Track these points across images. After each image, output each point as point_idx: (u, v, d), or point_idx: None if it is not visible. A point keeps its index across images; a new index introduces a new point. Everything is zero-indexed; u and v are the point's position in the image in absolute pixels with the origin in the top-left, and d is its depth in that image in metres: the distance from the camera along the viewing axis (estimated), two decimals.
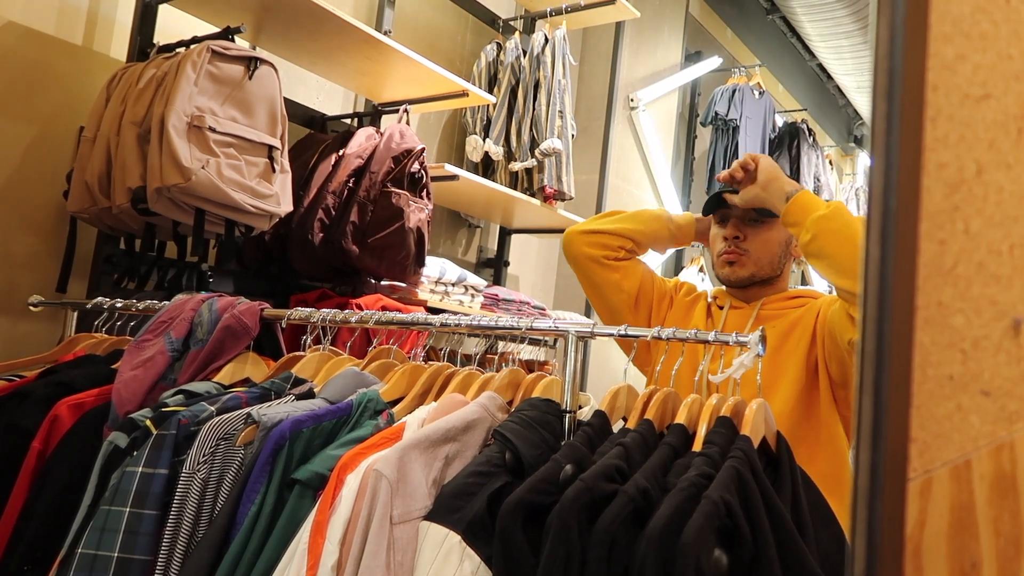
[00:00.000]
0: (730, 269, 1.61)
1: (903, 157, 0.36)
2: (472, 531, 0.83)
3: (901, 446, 0.37)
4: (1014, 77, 0.35)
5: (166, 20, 2.06)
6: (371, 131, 2.24)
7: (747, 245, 1.59)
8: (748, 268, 1.59)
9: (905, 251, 0.37)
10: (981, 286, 0.36)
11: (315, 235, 2.07)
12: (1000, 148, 0.35)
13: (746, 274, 1.59)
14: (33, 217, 1.95)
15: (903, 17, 0.35)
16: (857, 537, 0.34)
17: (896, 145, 0.36)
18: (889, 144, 0.36)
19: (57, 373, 1.36)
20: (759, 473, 0.83)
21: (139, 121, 1.71)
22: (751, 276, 1.60)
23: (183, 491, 1.00)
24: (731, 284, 1.64)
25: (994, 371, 0.36)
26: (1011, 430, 0.35)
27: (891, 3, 0.35)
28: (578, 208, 3.47)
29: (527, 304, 2.84)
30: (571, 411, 1.00)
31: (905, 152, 0.36)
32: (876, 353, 0.36)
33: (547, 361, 2.72)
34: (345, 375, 1.14)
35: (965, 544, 0.36)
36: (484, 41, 3.15)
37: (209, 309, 1.32)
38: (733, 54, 5.09)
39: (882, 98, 0.33)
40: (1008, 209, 0.35)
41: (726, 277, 1.63)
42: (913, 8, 0.36)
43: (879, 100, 0.33)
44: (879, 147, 0.37)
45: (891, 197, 0.36)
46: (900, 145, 0.36)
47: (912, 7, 0.35)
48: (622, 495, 0.79)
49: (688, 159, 4.65)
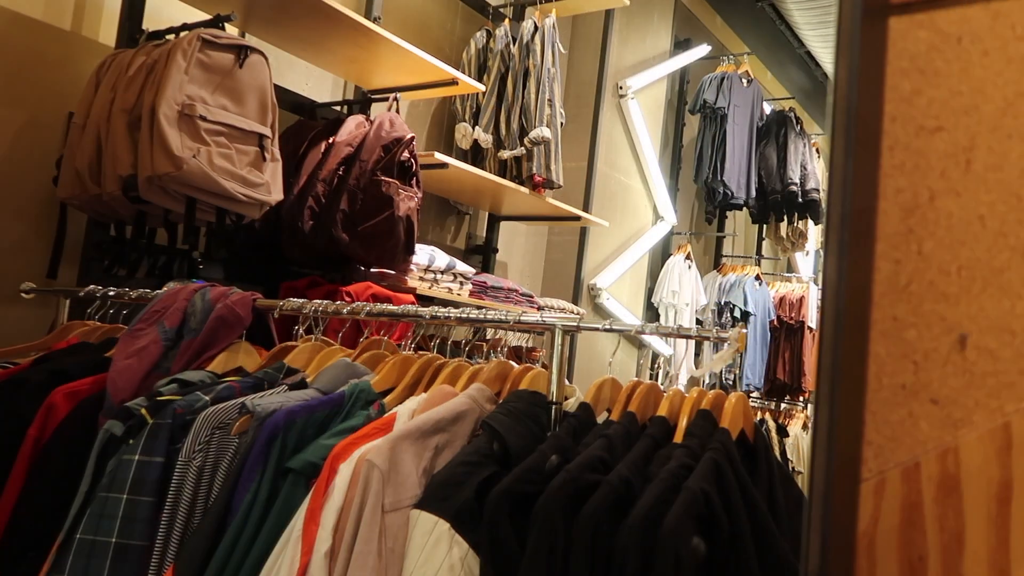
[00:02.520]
0: None
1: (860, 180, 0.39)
2: (461, 519, 0.86)
3: (856, 448, 0.40)
4: (963, 111, 0.38)
5: (155, 6, 2.06)
6: (361, 119, 2.25)
7: None
8: None
9: (862, 269, 0.40)
10: (932, 303, 0.39)
11: (305, 223, 2.08)
12: (951, 177, 0.38)
13: None
14: (22, 203, 1.95)
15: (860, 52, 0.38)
16: (812, 532, 0.38)
17: (853, 171, 0.39)
18: (847, 169, 0.39)
19: (51, 361, 1.38)
20: (737, 464, 0.87)
21: (129, 108, 1.72)
22: None
23: (179, 478, 1.03)
24: None
25: (942, 381, 0.39)
26: (956, 435, 0.38)
27: (850, 40, 0.38)
28: (567, 196, 3.50)
29: (515, 291, 2.87)
30: (557, 403, 1.03)
31: (863, 176, 0.39)
32: (832, 363, 0.40)
33: (535, 348, 2.76)
34: (337, 366, 1.17)
35: (913, 539, 0.39)
36: (474, 28, 3.16)
37: (202, 299, 1.34)
38: (722, 41, 5.11)
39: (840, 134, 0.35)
40: (957, 233, 0.38)
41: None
42: (871, 44, 0.38)
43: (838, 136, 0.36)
44: (838, 170, 0.39)
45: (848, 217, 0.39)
46: (855, 170, 0.39)
47: (870, 44, 0.38)
48: (605, 485, 0.82)
49: (676, 147, 4.68)
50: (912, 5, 0.38)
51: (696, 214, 5.10)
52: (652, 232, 4.29)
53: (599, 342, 3.84)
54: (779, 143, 4.85)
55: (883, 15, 0.37)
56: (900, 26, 0.38)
